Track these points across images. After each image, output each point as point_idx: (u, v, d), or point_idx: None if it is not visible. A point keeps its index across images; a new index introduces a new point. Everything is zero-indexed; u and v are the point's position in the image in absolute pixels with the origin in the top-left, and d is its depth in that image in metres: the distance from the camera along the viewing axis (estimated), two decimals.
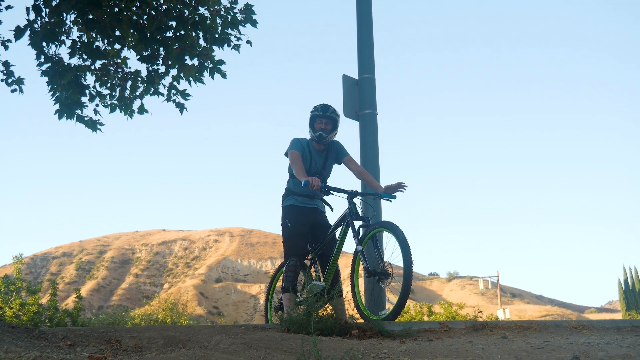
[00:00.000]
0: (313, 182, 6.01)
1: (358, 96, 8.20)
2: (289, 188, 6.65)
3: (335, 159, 6.73)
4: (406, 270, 5.57)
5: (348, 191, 6.29)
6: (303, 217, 6.53)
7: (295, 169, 6.33)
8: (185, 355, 3.51)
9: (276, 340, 4.25)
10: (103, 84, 6.99)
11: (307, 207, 6.57)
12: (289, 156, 6.48)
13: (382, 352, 4.00)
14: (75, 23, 6.50)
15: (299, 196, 6.54)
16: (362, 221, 6.17)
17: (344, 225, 6.28)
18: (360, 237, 6.04)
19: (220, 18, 6.76)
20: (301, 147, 6.53)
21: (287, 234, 6.55)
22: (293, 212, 6.54)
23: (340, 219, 6.37)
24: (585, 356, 3.64)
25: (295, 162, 6.36)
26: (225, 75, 6.93)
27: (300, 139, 6.63)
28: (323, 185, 6.20)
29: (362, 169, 6.79)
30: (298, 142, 6.57)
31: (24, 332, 4.14)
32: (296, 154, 6.43)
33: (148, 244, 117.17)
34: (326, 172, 6.68)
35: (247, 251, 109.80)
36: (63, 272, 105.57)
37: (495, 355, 3.87)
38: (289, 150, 6.51)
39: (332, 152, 6.69)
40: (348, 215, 6.22)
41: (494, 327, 5.32)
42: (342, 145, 6.77)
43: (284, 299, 6.39)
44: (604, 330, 5.23)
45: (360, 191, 6.63)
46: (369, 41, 8.44)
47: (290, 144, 6.59)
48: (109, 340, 4.12)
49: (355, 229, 6.12)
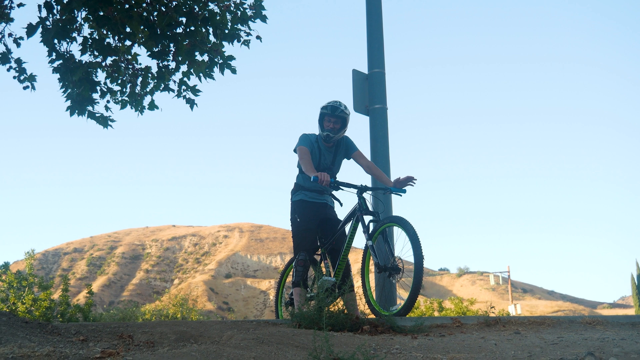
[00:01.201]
0: (322, 178, 5.99)
1: (368, 91, 8.18)
2: (298, 183, 6.63)
3: (344, 154, 6.71)
4: (417, 266, 5.54)
5: (357, 186, 6.27)
6: (312, 212, 6.52)
7: (304, 165, 6.31)
8: (197, 351, 3.51)
9: (288, 335, 4.24)
10: (114, 81, 7.00)
11: (317, 202, 6.56)
12: (298, 152, 6.46)
13: (394, 348, 3.98)
14: (86, 20, 6.51)
15: (309, 191, 6.52)
16: (372, 216, 6.15)
17: (354, 220, 6.26)
18: (371, 232, 6.02)
19: (230, 14, 6.75)
20: (310, 143, 6.51)
21: (297, 229, 6.54)
22: (302, 207, 6.53)
23: (350, 214, 6.35)
24: (600, 352, 3.61)
25: (304, 158, 6.34)
26: (235, 71, 6.91)
27: (309, 134, 6.60)
28: (332, 181, 6.18)
29: (371, 163, 6.76)
30: (307, 138, 6.55)
31: (37, 327, 4.15)
32: (305, 150, 6.41)
33: (158, 240, 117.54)
34: (335, 167, 6.66)
35: (257, 247, 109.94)
36: (74, 267, 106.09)
37: (508, 351, 3.85)
38: (298, 147, 6.49)
39: (341, 148, 6.67)
40: (358, 210, 6.20)
41: (507, 322, 5.29)
42: (351, 140, 6.75)
43: (294, 293, 6.39)
44: (618, 326, 5.19)
45: (370, 186, 6.60)
46: (378, 35, 8.41)
47: (298, 140, 6.56)
48: (121, 336, 4.13)
49: (365, 224, 6.10)
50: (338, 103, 6.47)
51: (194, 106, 7.07)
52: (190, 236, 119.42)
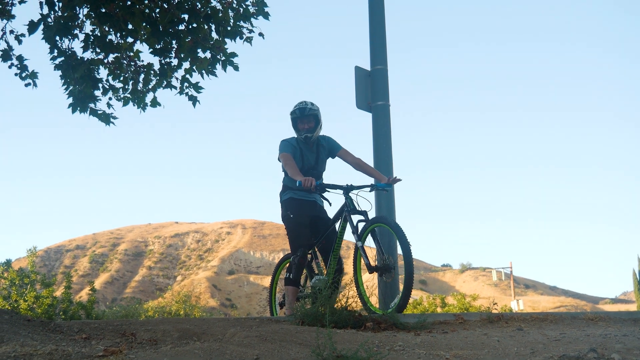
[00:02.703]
0: (306, 183, 6.00)
1: (370, 87, 8.16)
2: (285, 184, 6.65)
3: (328, 154, 6.73)
4: (407, 262, 5.58)
5: (343, 186, 6.28)
6: (303, 208, 6.54)
7: (289, 171, 6.31)
8: (200, 348, 3.52)
9: (291, 333, 4.24)
10: (116, 78, 6.99)
11: (306, 200, 6.57)
12: (282, 160, 6.49)
13: (397, 345, 3.98)
14: (88, 17, 6.50)
15: (297, 190, 6.53)
16: (360, 215, 6.17)
17: (342, 220, 6.28)
18: (360, 233, 6.04)
19: (232, 10, 6.74)
20: (292, 147, 6.54)
21: (292, 225, 6.54)
22: (293, 204, 6.55)
23: (338, 214, 6.37)
24: (603, 348, 3.61)
25: (288, 164, 6.36)
26: (238, 68, 6.91)
27: (288, 139, 6.64)
28: (318, 184, 6.20)
29: (359, 159, 6.72)
30: (287, 144, 6.58)
31: (40, 326, 4.16)
32: (287, 156, 6.43)
33: (161, 237, 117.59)
34: (320, 167, 6.68)
35: (260, 243, 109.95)
36: (77, 264, 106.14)
37: (511, 347, 3.85)
38: (280, 154, 6.52)
39: (323, 147, 6.70)
40: (345, 210, 6.22)
41: (510, 319, 5.30)
42: (333, 139, 6.79)
43: (287, 292, 6.39)
44: (620, 322, 5.19)
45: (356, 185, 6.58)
46: (381, 32, 8.39)
47: (279, 147, 6.60)
48: (123, 333, 4.13)
49: (353, 224, 6.13)
50: (304, 103, 6.54)
51: (197, 103, 7.06)
52: (192, 233, 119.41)
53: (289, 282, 6.38)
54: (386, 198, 7.46)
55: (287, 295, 6.39)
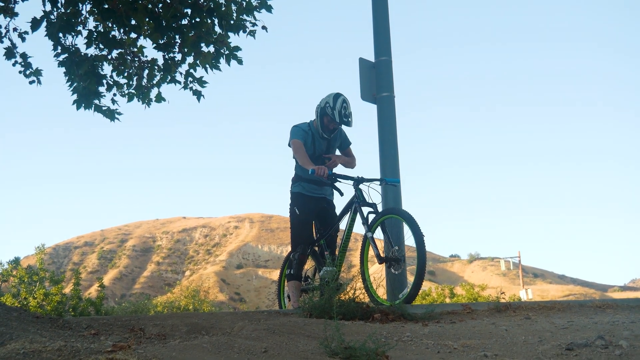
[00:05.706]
0: (319, 172, 6.01)
1: (375, 79, 8.14)
2: (297, 174, 6.64)
3: (338, 144, 6.75)
4: (419, 253, 5.58)
5: (354, 178, 6.30)
6: (311, 205, 6.56)
7: (299, 158, 6.31)
8: (208, 342, 3.52)
9: (299, 325, 4.25)
10: (120, 74, 6.99)
11: (315, 196, 6.58)
12: (292, 146, 6.47)
13: (405, 335, 3.99)
14: (91, 13, 6.50)
15: (307, 183, 6.53)
16: (369, 207, 6.18)
17: (352, 212, 6.30)
18: (370, 224, 6.05)
19: (235, 4, 6.72)
20: (303, 134, 6.51)
21: (296, 221, 6.58)
22: (301, 200, 6.56)
23: (348, 206, 6.38)
24: (610, 335, 3.60)
25: (299, 152, 6.34)
26: (242, 62, 6.89)
27: (299, 125, 6.60)
28: (330, 173, 6.20)
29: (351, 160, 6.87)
30: (299, 129, 6.54)
31: (48, 322, 4.17)
32: (299, 143, 6.42)
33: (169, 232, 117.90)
34: (331, 154, 6.69)
35: (268, 237, 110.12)
36: (85, 261, 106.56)
37: (519, 336, 3.85)
38: (291, 140, 6.49)
39: (336, 137, 6.71)
40: (355, 202, 6.23)
41: (517, 308, 5.29)
42: (345, 134, 6.82)
43: (290, 287, 6.44)
44: (628, 309, 5.18)
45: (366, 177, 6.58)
46: (384, 23, 8.36)
47: (291, 133, 6.56)
48: (132, 329, 4.15)
49: (363, 215, 6.14)
50: (346, 107, 6.44)
51: (201, 97, 7.06)
52: (200, 228, 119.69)
53: (291, 278, 6.43)
54: (393, 191, 7.45)
55: (291, 290, 6.43)
